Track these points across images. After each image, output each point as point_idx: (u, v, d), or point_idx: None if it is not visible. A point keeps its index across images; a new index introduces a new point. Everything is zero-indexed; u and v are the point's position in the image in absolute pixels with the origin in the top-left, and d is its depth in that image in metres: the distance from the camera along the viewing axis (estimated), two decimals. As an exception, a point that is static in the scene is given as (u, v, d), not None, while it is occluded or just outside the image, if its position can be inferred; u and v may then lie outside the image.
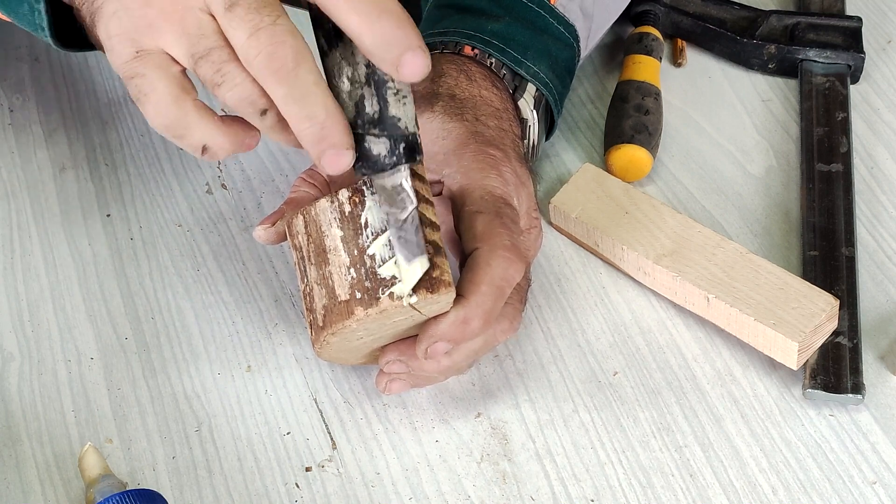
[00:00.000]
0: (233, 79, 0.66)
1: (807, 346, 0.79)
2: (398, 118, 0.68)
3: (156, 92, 0.68)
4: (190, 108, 0.69)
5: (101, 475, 0.74)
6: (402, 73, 0.65)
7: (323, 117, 0.66)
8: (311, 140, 0.67)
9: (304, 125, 0.66)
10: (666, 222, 0.85)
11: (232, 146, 0.70)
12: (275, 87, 0.65)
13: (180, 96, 0.68)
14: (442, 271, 0.71)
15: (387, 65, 0.65)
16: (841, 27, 1.00)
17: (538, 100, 0.86)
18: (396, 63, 0.65)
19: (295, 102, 0.66)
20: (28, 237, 0.90)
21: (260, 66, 0.65)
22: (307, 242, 0.74)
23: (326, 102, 0.66)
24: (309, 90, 0.65)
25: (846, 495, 0.76)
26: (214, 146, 0.70)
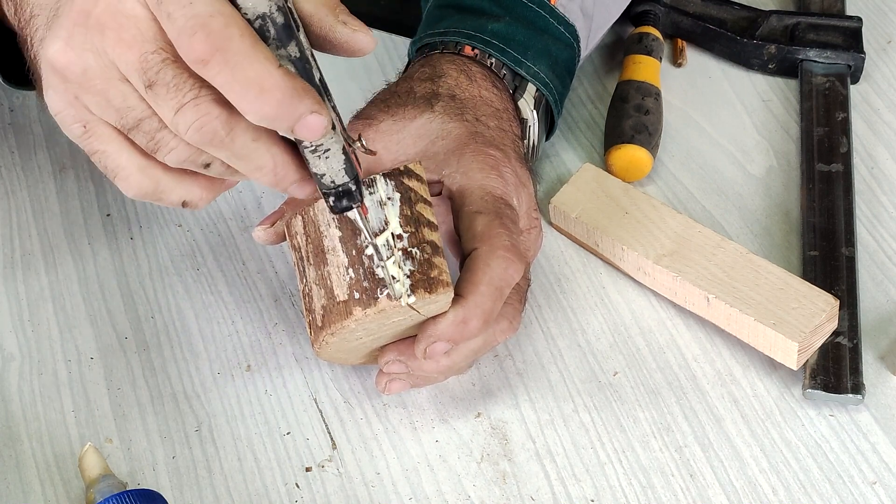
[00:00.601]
0: (167, 144, 0.66)
1: (807, 347, 0.79)
2: (321, 174, 0.67)
3: (121, 167, 0.68)
4: (160, 175, 0.68)
5: (101, 475, 0.74)
6: (299, 135, 0.63)
7: (271, 165, 0.65)
8: (270, 184, 0.67)
9: (257, 176, 0.66)
10: (666, 222, 0.85)
11: (211, 194, 0.70)
12: (216, 152, 0.65)
13: (145, 165, 0.68)
14: (440, 271, 0.71)
15: (283, 131, 0.64)
16: (841, 27, 1.00)
17: (538, 100, 0.86)
18: (291, 129, 0.63)
19: (240, 160, 0.65)
20: (28, 237, 0.90)
21: (192, 140, 0.64)
22: (306, 243, 0.74)
23: (271, 150, 0.65)
24: (249, 148, 0.64)
25: (846, 495, 0.76)
26: (193, 199, 0.70)
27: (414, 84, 0.83)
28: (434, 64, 0.84)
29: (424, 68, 0.84)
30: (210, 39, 0.60)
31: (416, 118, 0.80)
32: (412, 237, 0.72)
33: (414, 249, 0.71)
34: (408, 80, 0.83)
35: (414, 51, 0.88)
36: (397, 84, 0.84)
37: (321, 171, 0.67)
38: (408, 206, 0.72)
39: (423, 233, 0.72)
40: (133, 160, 0.68)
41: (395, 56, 1.01)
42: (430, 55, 0.85)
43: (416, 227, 0.72)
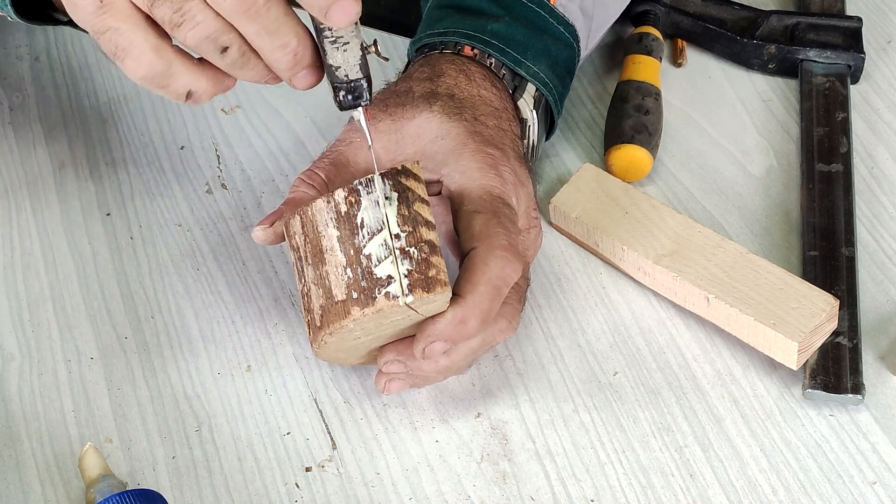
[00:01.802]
0: (193, 17, 0.65)
1: (807, 347, 0.79)
2: (336, 66, 0.69)
3: (134, 45, 0.67)
4: (172, 56, 0.68)
5: (101, 475, 0.74)
6: (330, 19, 0.65)
7: (295, 44, 0.67)
8: (285, 66, 0.67)
9: (278, 54, 0.67)
10: (666, 222, 0.85)
11: (215, 88, 0.70)
12: (246, 24, 0.65)
13: (160, 45, 0.67)
14: (438, 271, 0.71)
15: (316, 11, 0.65)
16: (841, 27, 1.00)
17: (538, 100, 0.86)
18: (325, 10, 0.65)
19: (268, 35, 0.66)
20: (28, 236, 0.90)
21: (230, 8, 0.64)
22: (304, 243, 0.74)
23: (297, 30, 0.67)
24: (281, 22, 0.66)
25: (846, 495, 0.76)
26: (199, 90, 0.69)
27: (413, 84, 0.83)
28: (433, 64, 0.84)
29: (424, 68, 0.84)
30: None
31: (414, 117, 0.80)
32: (410, 237, 0.72)
33: (412, 249, 0.71)
34: (407, 79, 0.83)
35: (413, 51, 0.88)
36: (396, 84, 0.84)
37: (337, 63, 0.68)
38: (405, 205, 0.72)
39: (421, 232, 0.72)
40: (148, 38, 0.67)
41: (395, 56, 1.01)
42: (429, 55, 0.85)
43: (414, 226, 0.72)
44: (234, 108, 0.98)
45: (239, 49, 0.67)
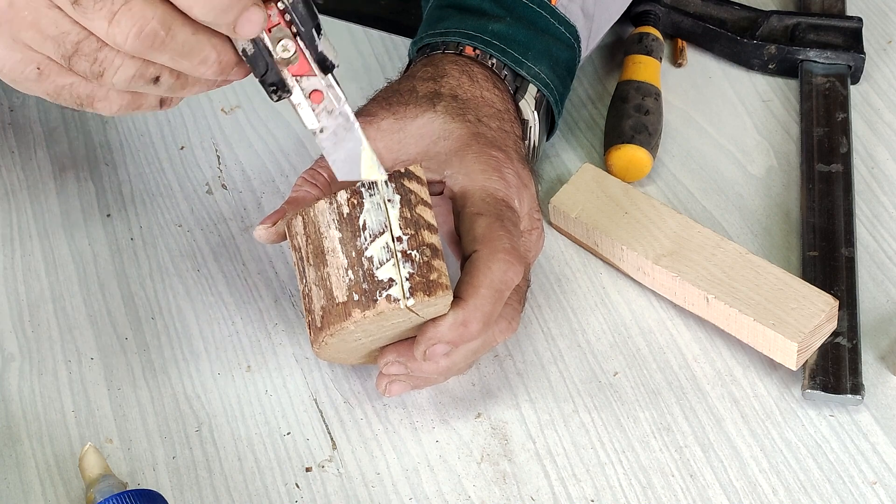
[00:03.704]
0: (112, 63, 0.65)
1: (806, 347, 0.79)
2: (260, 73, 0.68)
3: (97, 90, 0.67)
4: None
5: (102, 475, 0.74)
6: (239, 33, 0.65)
7: (215, 56, 0.66)
8: (214, 74, 0.66)
9: (202, 70, 0.66)
10: (666, 222, 0.85)
11: (181, 93, 0.70)
12: (157, 56, 0.64)
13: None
14: (440, 274, 0.71)
15: (224, 30, 0.65)
16: (841, 27, 1.00)
17: (539, 100, 0.86)
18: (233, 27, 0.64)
19: (184, 58, 0.65)
20: (28, 237, 0.90)
21: (133, 47, 0.64)
22: (306, 244, 0.74)
23: (212, 41, 0.65)
24: (191, 42, 0.65)
25: (846, 496, 0.76)
26: (169, 98, 0.70)
27: (416, 83, 0.83)
28: (436, 64, 0.84)
29: (427, 68, 0.84)
30: None
31: (417, 117, 0.80)
32: (412, 240, 0.72)
33: (413, 252, 0.71)
34: (410, 78, 0.83)
35: (415, 51, 0.88)
36: (399, 82, 0.84)
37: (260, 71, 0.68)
38: (408, 208, 0.72)
39: (423, 235, 0.72)
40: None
41: (396, 56, 1.01)
42: (431, 55, 0.85)
43: (416, 229, 0.72)
44: (234, 108, 0.98)
45: (171, 74, 0.67)
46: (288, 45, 0.67)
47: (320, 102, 0.69)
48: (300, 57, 0.68)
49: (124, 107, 0.69)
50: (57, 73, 0.67)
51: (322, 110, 0.70)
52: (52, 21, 0.64)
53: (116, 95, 0.68)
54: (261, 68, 0.68)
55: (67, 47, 0.65)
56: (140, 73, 0.66)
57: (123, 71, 0.65)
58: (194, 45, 0.65)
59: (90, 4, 0.63)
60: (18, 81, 0.68)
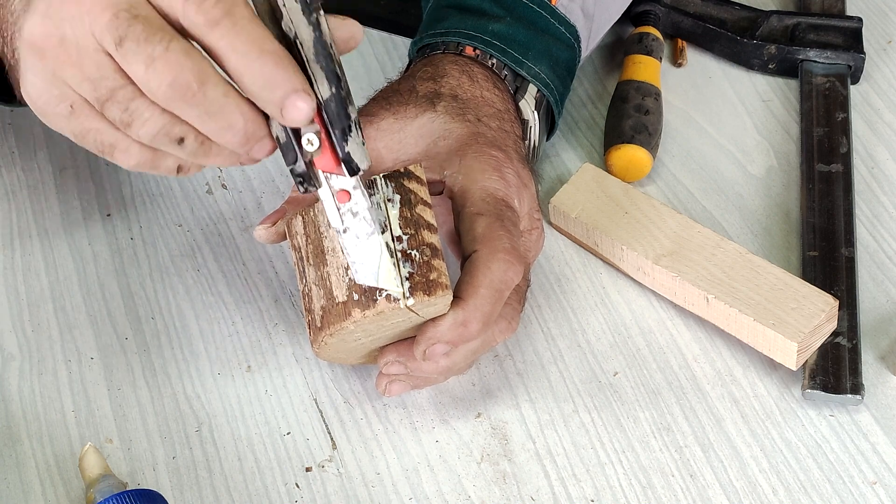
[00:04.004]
0: (141, 115, 0.66)
1: (806, 347, 0.79)
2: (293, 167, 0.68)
3: (119, 140, 0.68)
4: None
5: (102, 475, 0.74)
6: (285, 116, 0.65)
7: (242, 123, 0.66)
8: (238, 145, 0.67)
9: (227, 136, 0.66)
10: (666, 222, 0.85)
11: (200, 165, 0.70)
12: (186, 110, 0.65)
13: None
14: (439, 274, 0.71)
15: (270, 106, 0.65)
16: (841, 27, 1.00)
17: (539, 100, 0.86)
18: (280, 105, 0.64)
19: (211, 118, 0.65)
20: (28, 237, 0.90)
21: (165, 96, 0.64)
22: (306, 243, 0.74)
23: (241, 108, 0.66)
24: (221, 103, 0.65)
25: (846, 496, 0.76)
26: (186, 165, 0.70)
27: (416, 83, 0.83)
28: (436, 64, 0.84)
29: (427, 68, 0.84)
30: (222, 3, 0.63)
31: (417, 117, 0.80)
32: (412, 239, 0.72)
33: (413, 252, 0.71)
34: (410, 78, 0.83)
35: (415, 51, 0.88)
36: (399, 82, 0.84)
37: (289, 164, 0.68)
38: (408, 208, 0.72)
39: (423, 235, 0.72)
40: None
41: (396, 56, 1.01)
42: (431, 55, 0.85)
43: (416, 229, 0.72)
44: (235, 108, 0.98)
45: (196, 138, 0.67)
46: (313, 140, 0.67)
47: (345, 202, 0.70)
48: (327, 152, 0.67)
49: (142, 163, 0.69)
50: (87, 115, 0.68)
51: (347, 211, 0.70)
52: (96, 64, 0.66)
53: (138, 150, 0.69)
54: (290, 158, 0.68)
55: (103, 91, 0.66)
56: (166, 130, 0.66)
57: (150, 125, 0.66)
58: (223, 106, 0.65)
59: (133, 47, 0.64)
60: (48, 116, 0.69)
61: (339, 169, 0.68)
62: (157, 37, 0.64)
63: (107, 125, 0.68)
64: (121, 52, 0.64)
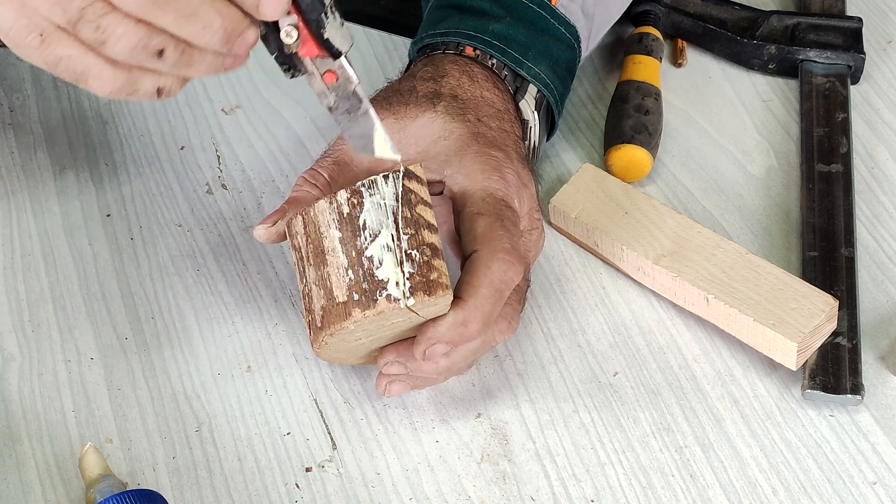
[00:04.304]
0: (114, 30, 0.65)
1: (806, 347, 0.79)
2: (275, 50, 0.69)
3: (91, 66, 0.67)
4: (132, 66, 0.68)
5: (102, 475, 0.74)
6: (261, 12, 0.66)
7: (219, 21, 0.65)
8: (218, 43, 0.66)
9: (206, 37, 0.66)
10: (665, 222, 0.85)
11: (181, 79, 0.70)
12: (160, 16, 0.64)
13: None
14: (440, 274, 0.71)
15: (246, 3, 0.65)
16: (841, 27, 1.00)
17: (539, 101, 0.86)
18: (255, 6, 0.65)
19: (187, 21, 0.65)
20: (28, 237, 0.90)
21: (136, 4, 0.64)
22: (306, 243, 0.74)
23: (217, 5, 0.65)
24: (195, 3, 0.64)
25: (846, 496, 0.76)
26: (166, 85, 0.69)
27: (417, 83, 0.83)
28: (437, 64, 0.84)
29: (427, 68, 0.84)
30: None
31: (417, 117, 0.80)
32: (412, 239, 0.72)
33: (413, 252, 0.71)
34: (410, 78, 0.83)
35: (415, 51, 0.88)
36: (399, 82, 0.84)
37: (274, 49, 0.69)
38: (408, 207, 0.72)
39: (423, 235, 0.72)
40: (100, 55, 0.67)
41: (396, 56, 1.01)
42: (432, 55, 0.85)
43: (416, 229, 0.72)
44: (234, 108, 0.98)
45: (175, 48, 0.66)
46: (291, 32, 0.68)
47: (333, 82, 0.70)
48: (308, 41, 0.69)
49: (118, 88, 0.68)
50: (58, 41, 0.66)
51: (335, 89, 0.71)
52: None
53: (112, 73, 0.67)
54: (272, 48, 0.69)
55: (73, 12, 0.65)
56: (143, 42, 0.65)
57: (126, 38, 0.65)
58: (198, 6, 0.65)
59: None
60: (20, 46, 0.68)
61: (322, 53, 0.69)
62: None
63: (79, 50, 0.66)
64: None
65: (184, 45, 0.66)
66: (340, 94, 0.71)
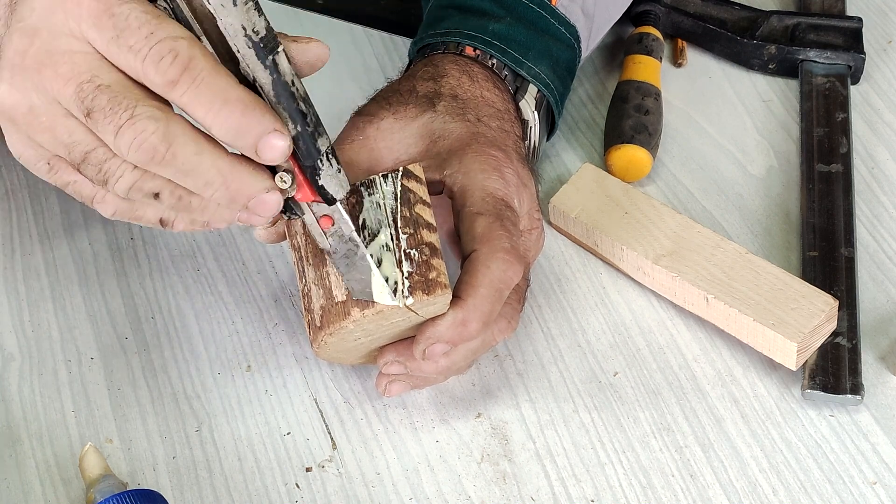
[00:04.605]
0: (114, 173, 0.67)
1: (806, 347, 0.79)
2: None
3: (97, 192, 0.70)
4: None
5: (102, 475, 0.74)
6: (262, 157, 0.66)
7: (220, 179, 0.66)
8: (225, 202, 0.67)
9: (208, 192, 0.67)
10: (665, 222, 0.85)
11: (185, 219, 0.71)
12: (161, 171, 0.66)
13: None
14: (438, 273, 0.71)
15: (247, 151, 0.66)
16: (841, 27, 1.00)
17: (539, 101, 0.86)
18: (254, 149, 0.65)
19: (186, 177, 0.66)
20: (28, 237, 0.90)
21: (136, 160, 0.65)
22: (305, 243, 0.74)
23: (217, 163, 0.66)
24: (192, 162, 0.65)
25: (846, 496, 0.76)
26: (169, 219, 0.71)
27: (416, 83, 0.83)
28: (436, 64, 0.84)
29: (427, 68, 0.84)
30: (178, 61, 0.64)
31: (417, 117, 0.80)
32: (411, 238, 0.72)
33: (412, 251, 0.71)
34: (410, 78, 0.84)
35: (415, 51, 0.88)
36: (399, 82, 0.84)
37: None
38: (407, 207, 0.72)
39: (422, 234, 0.72)
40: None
41: (396, 56, 1.01)
42: (431, 55, 0.85)
43: (415, 228, 0.72)
44: (235, 108, 0.98)
45: (171, 193, 0.67)
46: (286, 178, 0.68)
47: (329, 227, 0.70)
48: (303, 186, 0.68)
49: (121, 213, 0.71)
50: (65, 170, 0.70)
51: (333, 234, 0.71)
52: (67, 130, 0.67)
53: (114, 200, 0.70)
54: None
55: (77, 154, 0.67)
56: (138, 185, 0.67)
57: (124, 180, 0.67)
58: (197, 164, 0.65)
59: (100, 118, 0.65)
60: (31, 170, 0.71)
61: (318, 198, 0.69)
62: (122, 105, 0.64)
63: (84, 179, 0.69)
64: (91, 123, 0.65)
65: (181, 191, 0.68)
66: (336, 239, 0.71)
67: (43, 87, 0.66)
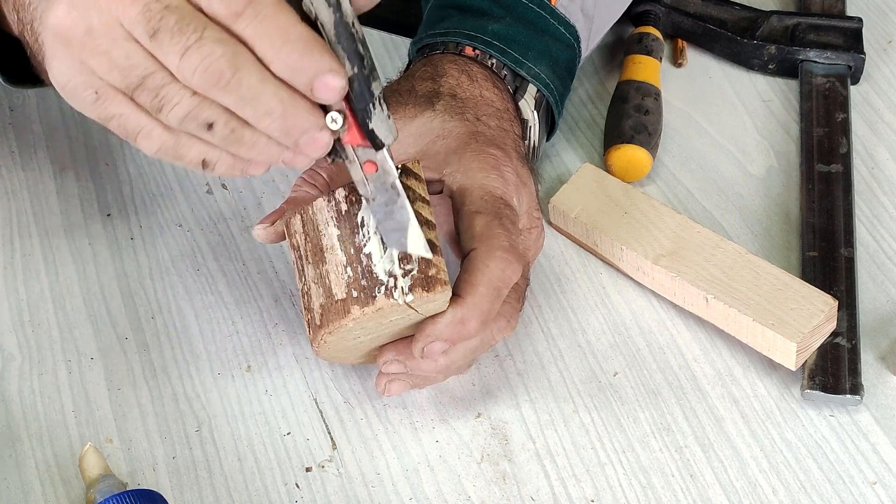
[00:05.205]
0: (171, 99, 0.66)
1: (805, 347, 0.79)
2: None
3: (142, 126, 0.68)
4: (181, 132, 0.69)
5: (102, 475, 0.74)
6: (316, 96, 0.65)
7: (280, 109, 0.66)
8: (279, 134, 0.67)
9: (265, 122, 0.66)
10: (665, 222, 0.85)
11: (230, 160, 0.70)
12: (222, 97, 0.65)
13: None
14: (438, 270, 0.71)
15: (302, 88, 0.65)
16: (841, 28, 1.00)
17: (539, 100, 0.86)
18: (309, 87, 0.65)
19: (247, 105, 0.66)
20: (28, 237, 0.90)
21: (200, 84, 0.65)
22: (305, 242, 0.74)
23: (279, 93, 0.66)
24: (256, 89, 0.65)
25: (846, 496, 0.76)
26: (212, 159, 0.70)
27: (415, 83, 0.83)
28: (435, 64, 0.84)
29: (426, 68, 0.84)
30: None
31: (416, 116, 0.80)
32: (410, 236, 0.72)
33: (412, 249, 0.71)
34: (409, 78, 0.84)
35: (415, 51, 0.88)
36: (398, 83, 0.84)
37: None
38: (406, 204, 0.72)
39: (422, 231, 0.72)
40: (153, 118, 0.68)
41: (396, 56, 1.01)
42: (431, 55, 0.85)
43: (415, 225, 0.72)
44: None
45: (226, 124, 0.67)
46: (336, 118, 0.67)
47: (373, 173, 0.70)
48: (352, 129, 0.68)
49: (165, 149, 0.69)
50: (113, 100, 0.68)
51: (374, 180, 0.70)
52: (125, 53, 0.66)
53: (161, 133, 0.69)
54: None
55: (133, 79, 0.66)
56: (195, 113, 0.66)
57: (179, 108, 0.66)
58: (260, 92, 0.65)
59: (166, 38, 0.64)
60: (75, 101, 0.69)
61: (366, 142, 0.68)
62: (190, 27, 0.64)
63: (133, 110, 0.68)
64: (154, 45, 0.65)
65: (235, 122, 0.67)
66: (378, 185, 0.70)
67: (107, 6, 0.65)
